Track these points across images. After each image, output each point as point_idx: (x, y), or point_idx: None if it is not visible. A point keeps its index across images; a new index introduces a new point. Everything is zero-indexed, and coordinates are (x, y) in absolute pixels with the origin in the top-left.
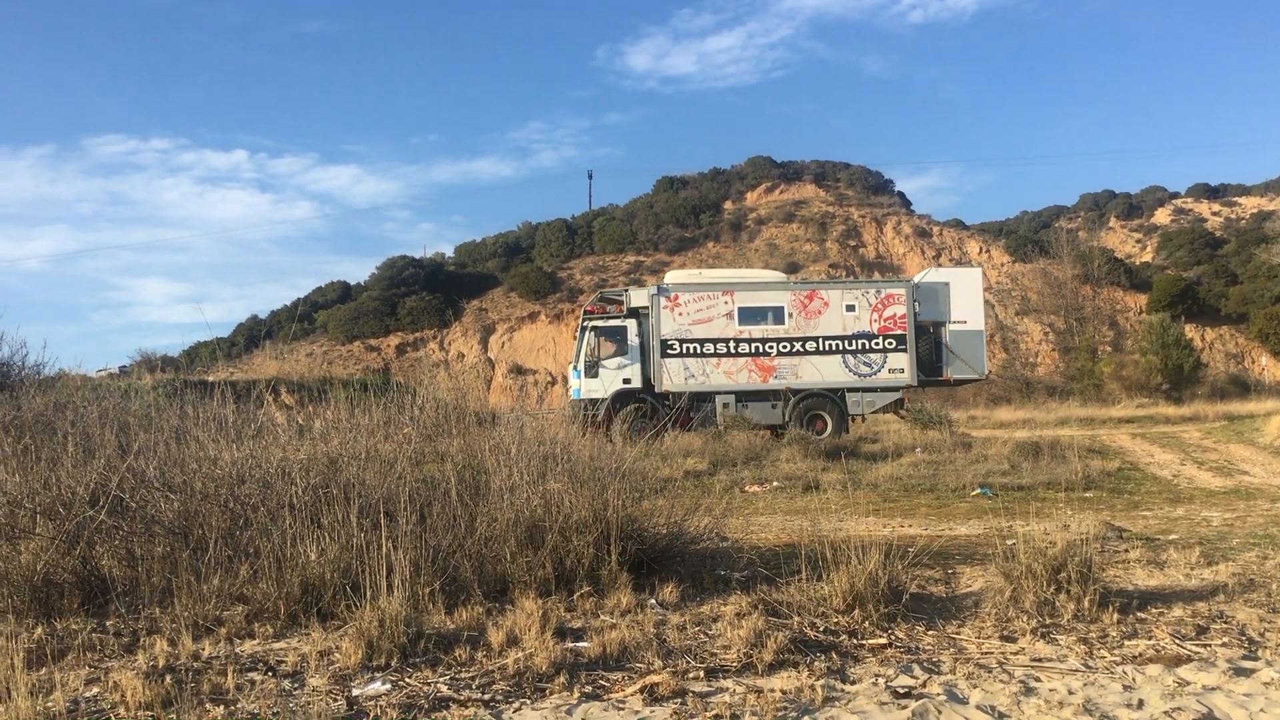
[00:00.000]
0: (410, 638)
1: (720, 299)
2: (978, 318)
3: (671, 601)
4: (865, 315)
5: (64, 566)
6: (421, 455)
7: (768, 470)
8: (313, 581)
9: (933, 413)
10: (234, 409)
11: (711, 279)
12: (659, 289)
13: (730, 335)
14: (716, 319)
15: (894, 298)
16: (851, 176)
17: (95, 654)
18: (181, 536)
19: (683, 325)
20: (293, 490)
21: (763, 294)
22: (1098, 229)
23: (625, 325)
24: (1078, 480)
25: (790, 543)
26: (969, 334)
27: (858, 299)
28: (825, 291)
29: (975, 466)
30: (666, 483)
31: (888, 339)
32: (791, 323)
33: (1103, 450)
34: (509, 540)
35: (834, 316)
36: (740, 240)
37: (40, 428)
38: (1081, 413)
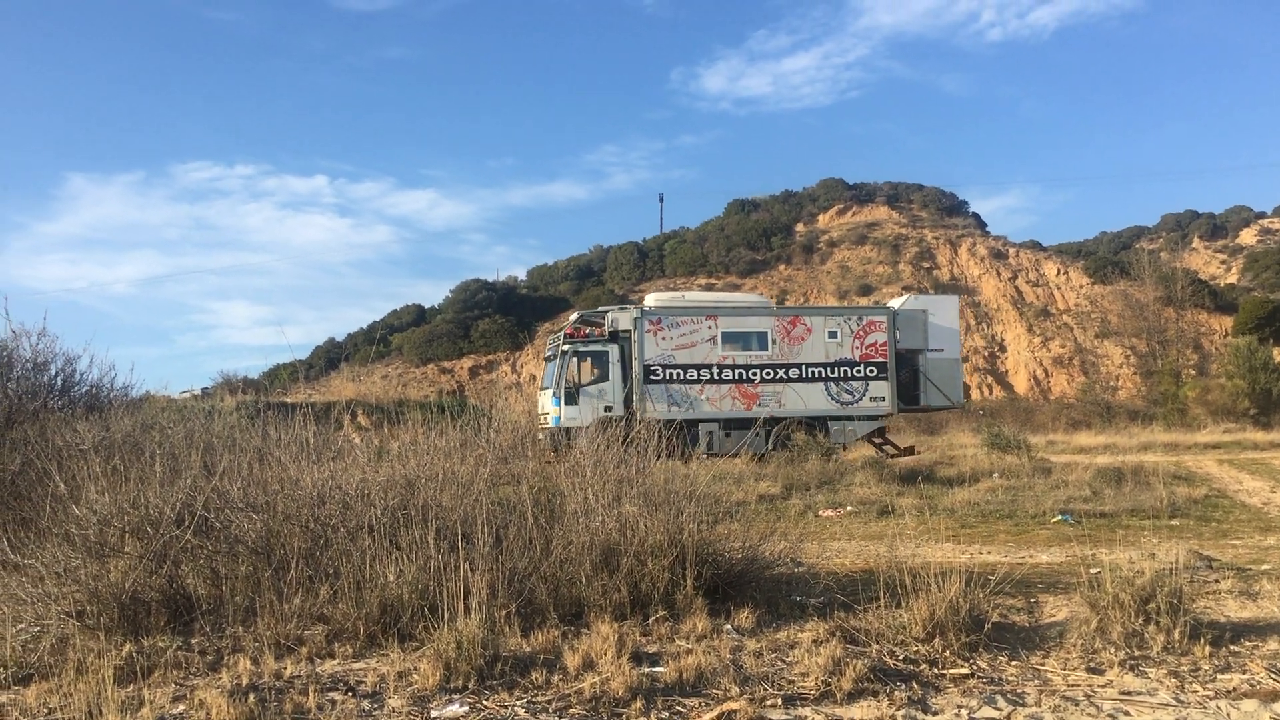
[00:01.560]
0: (487, 660)
1: (704, 324)
2: (955, 346)
3: (747, 627)
4: (848, 342)
5: (151, 585)
6: (497, 477)
7: (841, 494)
8: (391, 602)
9: (1011, 437)
10: (315, 431)
11: (695, 302)
12: (642, 312)
13: (714, 361)
14: (700, 344)
15: (875, 325)
16: (925, 198)
17: (181, 671)
18: (264, 556)
19: (666, 350)
20: (372, 512)
21: (746, 319)
22: (1180, 250)
23: (607, 350)
24: (1163, 508)
25: (867, 569)
26: (946, 362)
27: (840, 326)
28: (808, 318)
29: (1055, 492)
30: (739, 506)
31: (869, 366)
32: (775, 349)
33: (1188, 477)
34: (584, 563)
35: (817, 343)
36: (812, 263)
37: (128, 448)
38: (1165, 438)
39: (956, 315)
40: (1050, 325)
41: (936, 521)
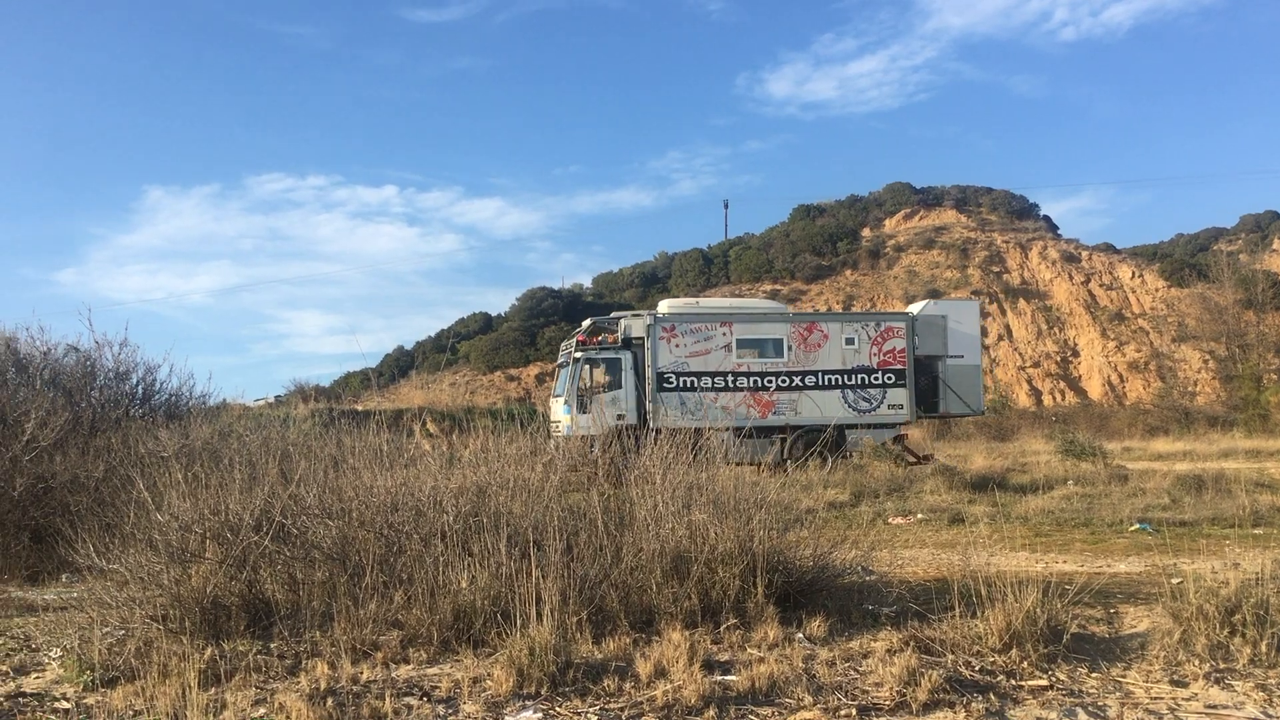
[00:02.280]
0: (559, 667)
1: (718, 330)
2: (975, 352)
3: (819, 636)
4: (865, 349)
5: (231, 589)
6: (567, 484)
7: (911, 502)
8: (464, 608)
9: (1085, 443)
10: (388, 438)
11: (709, 309)
12: (655, 318)
13: (728, 368)
14: (714, 351)
15: (893, 331)
16: (994, 201)
17: (261, 675)
18: (339, 562)
19: (680, 357)
20: (444, 518)
21: (761, 326)
22: (1260, 251)
23: (620, 357)
24: (1246, 516)
25: (940, 577)
26: (966, 369)
27: (857, 332)
28: (825, 324)
29: (1133, 500)
30: (808, 514)
31: (887, 374)
32: (791, 356)
33: (1272, 484)
34: (654, 571)
35: (833, 350)
36: (879, 268)
37: (208, 455)
38: (1247, 444)
39: (978, 321)
40: (1125, 329)
41: (1010, 529)
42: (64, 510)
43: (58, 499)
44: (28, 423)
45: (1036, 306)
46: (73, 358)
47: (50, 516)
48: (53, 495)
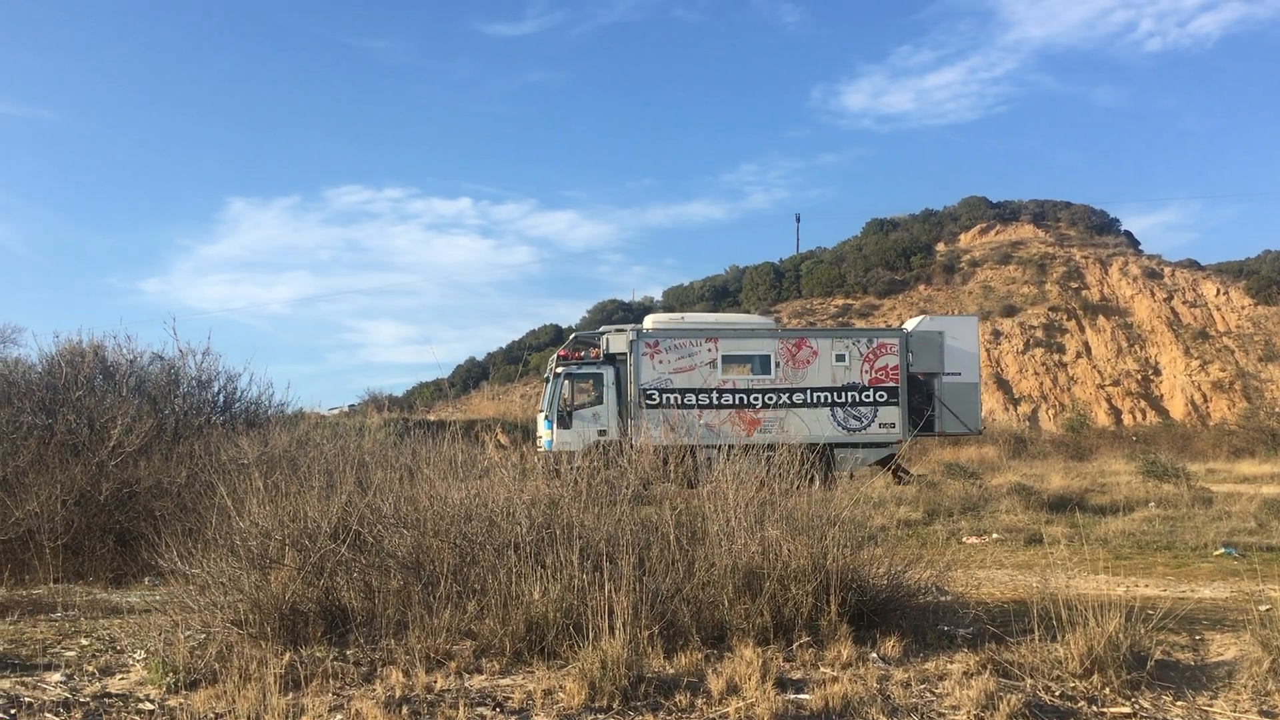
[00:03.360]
0: (631, 681)
1: (703, 346)
2: (973, 370)
3: (894, 656)
4: (856, 366)
5: (309, 596)
6: (639, 498)
7: (986, 521)
8: (536, 620)
9: (1167, 464)
10: (462, 449)
11: (694, 324)
12: (638, 334)
13: (713, 385)
14: (699, 367)
15: (886, 348)
16: (1073, 216)
17: (337, 681)
18: (414, 571)
19: (663, 374)
20: (517, 529)
21: (748, 342)
22: None
23: (601, 372)
24: None
25: (1017, 599)
26: (963, 386)
27: (848, 348)
28: (814, 340)
29: (1217, 524)
30: (881, 531)
31: (879, 391)
32: (778, 373)
33: None
34: (726, 586)
35: (823, 367)
36: (953, 283)
37: (286, 463)
38: None
39: (976, 338)
40: (1209, 348)
41: (1089, 552)
42: (148, 515)
43: (142, 504)
44: (114, 429)
45: (1116, 324)
46: (157, 366)
47: (135, 521)
48: (137, 500)
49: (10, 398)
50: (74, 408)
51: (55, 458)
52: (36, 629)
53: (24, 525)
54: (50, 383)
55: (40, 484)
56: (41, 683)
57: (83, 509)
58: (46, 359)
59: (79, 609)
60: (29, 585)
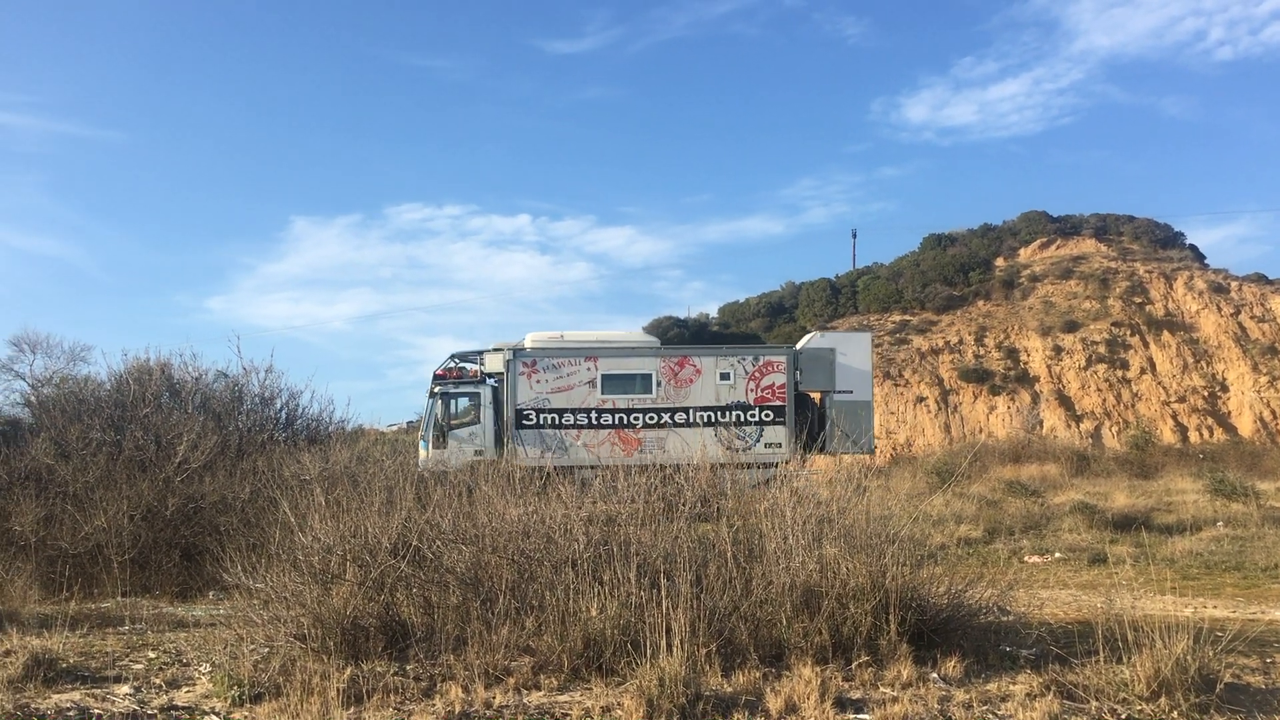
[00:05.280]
0: (689, 698)
1: (582, 365)
2: (866, 388)
3: (955, 676)
4: (741, 384)
5: (369, 611)
6: (697, 515)
7: (1048, 540)
8: (594, 637)
9: (1236, 483)
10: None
11: (574, 342)
12: (515, 353)
13: (593, 405)
14: (578, 387)
15: (773, 365)
16: (1136, 230)
17: (398, 696)
18: (473, 587)
19: (540, 394)
20: (574, 546)
21: (629, 360)
22: None
23: (479, 391)
24: None
25: (1081, 619)
26: (855, 404)
27: (733, 366)
28: (698, 358)
29: None
30: (940, 550)
31: (765, 410)
32: (660, 392)
33: None
34: (784, 604)
35: (707, 385)
36: (1013, 298)
37: (347, 479)
38: None
39: (869, 355)
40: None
41: (1156, 572)
42: (212, 530)
43: (206, 519)
44: (180, 445)
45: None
46: (222, 383)
47: (199, 536)
48: (202, 515)
49: (80, 415)
50: (141, 425)
51: (123, 474)
52: (105, 641)
53: (93, 540)
54: (119, 400)
55: (109, 499)
56: (111, 694)
57: (149, 524)
58: (115, 377)
59: (146, 622)
60: (97, 599)
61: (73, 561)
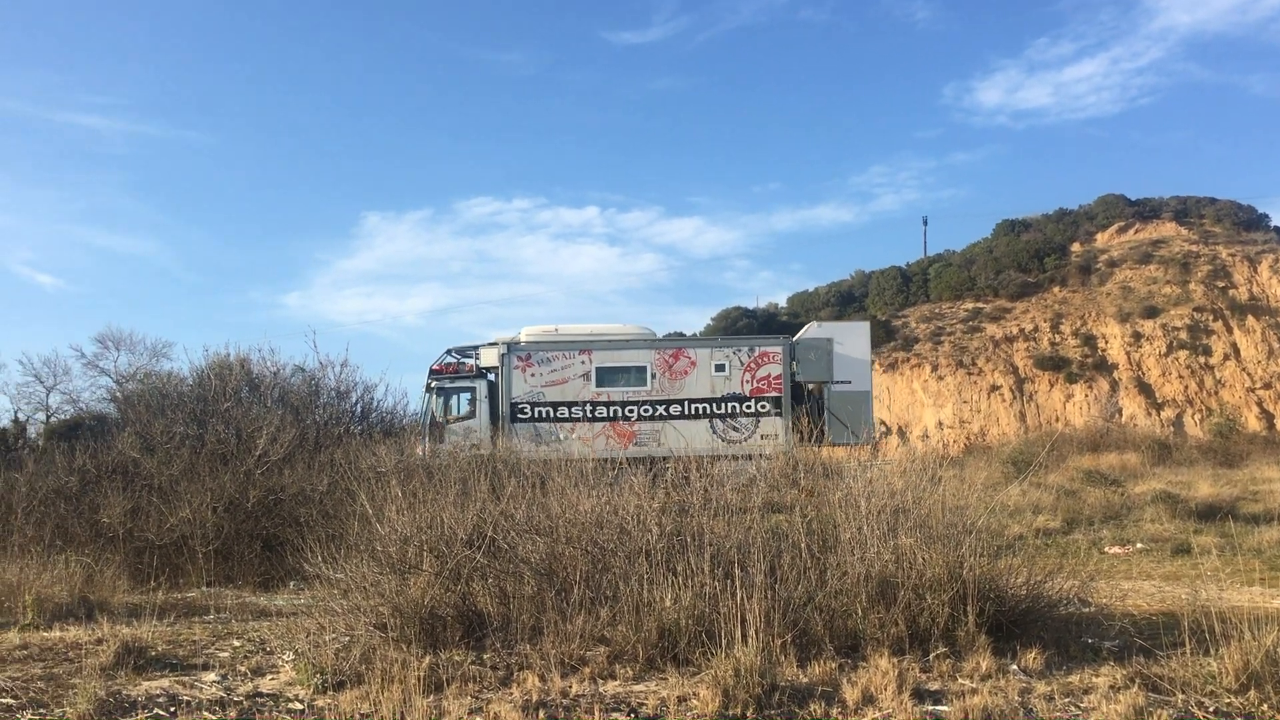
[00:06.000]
0: (765, 689)
1: (576, 358)
2: (864, 377)
3: (1035, 669)
4: (736, 376)
5: (446, 601)
6: (770, 505)
7: (1129, 530)
8: (668, 627)
9: None
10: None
11: (568, 335)
12: (510, 348)
13: (587, 398)
14: (572, 380)
15: (769, 356)
16: (1219, 212)
17: (476, 685)
18: (547, 578)
19: (535, 387)
20: (648, 536)
21: (623, 353)
22: None
23: (474, 386)
24: None
25: (1165, 611)
26: (853, 395)
27: (728, 358)
28: (693, 350)
29: None
30: (1018, 541)
31: (760, 401)
32: (655, 384)
33: None
34: (859, 595)
35: (702, 377)
36: (1090, 284)
37: (422, 471)
38: None
39: (867, 344)
40: None
41: (1242, 562)
42: (292, 521)
43: (286, 510)
44: (260, 439)
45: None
46: (299, 377)
47: (279, 527)
48: (282, 507)
49: (164, 409)
50: (223, 418)
51: (206, 467)
52: (192, 630)
53: (178, 531)
54: (200, 394)
55: (192, 492)
56: (198, 682)
57: (231, 516)
58: (197, 372)
59: (230, 611)
60: (183, 588)
61: (159, 552)
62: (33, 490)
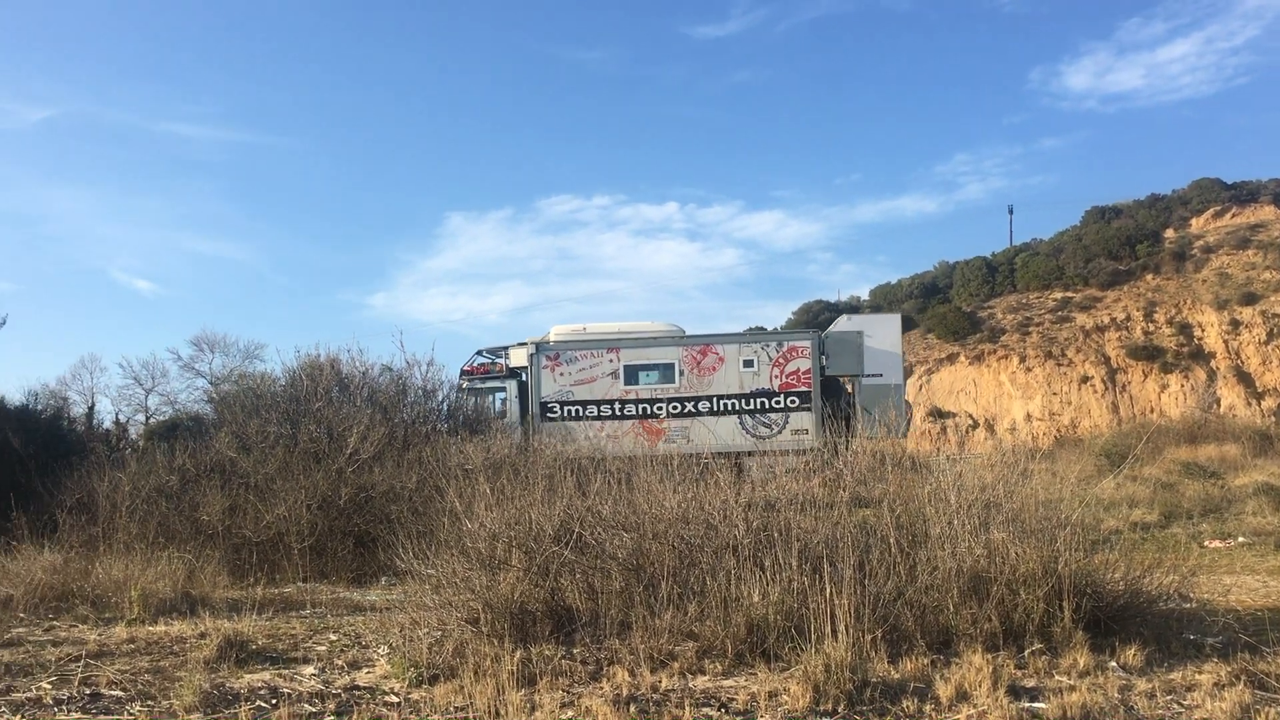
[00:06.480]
0: (856, 685)
1: (604, 357)
2: (896, 370)
3: (1135, 665)
4: (765, 371)
5: (535, 596)
6: (856, 500)
7: (1230, 524)
8: (757, 622)
9: None
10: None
11: (596, 334)
12: (538, 347)
13: (615, 396)
14: (601, 378)
15: (797, 351)
16: None
17: (566, 679)
18: (634, 573)
19: (564, 386)
20: (734, 532)
21: (651, 350)
22: None
23: (504, 387)
24: None
25: (1271, 607)
26: (885, 388)
27: (756, 353)
28: (720, 346)
29: None
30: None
31: (790, 396)
32: (683, 381)
33: None
34: (951, 590)
35: (730, 373)
36: (1185, 271)
37: (508, 468)
38: None
39: (898, 337)
40: None
41: None
42: (383, 518)
43: (377, 507)
44: (350, 437)
45: None
46: (387, 377)
47: (371, 523)
48: (372, 504)
49: (258, 410)
50: (314, 418)
51: (299, 465)
52: (290, 624)
53: (273, 528)
54: (293, 394)
55: (287, 490)
56: (297, 675)
57: (325, 513)
58: (289, 373)
59: (325, 606)
60: (280, 584)
61: (256, 549)
62: (136, 489)
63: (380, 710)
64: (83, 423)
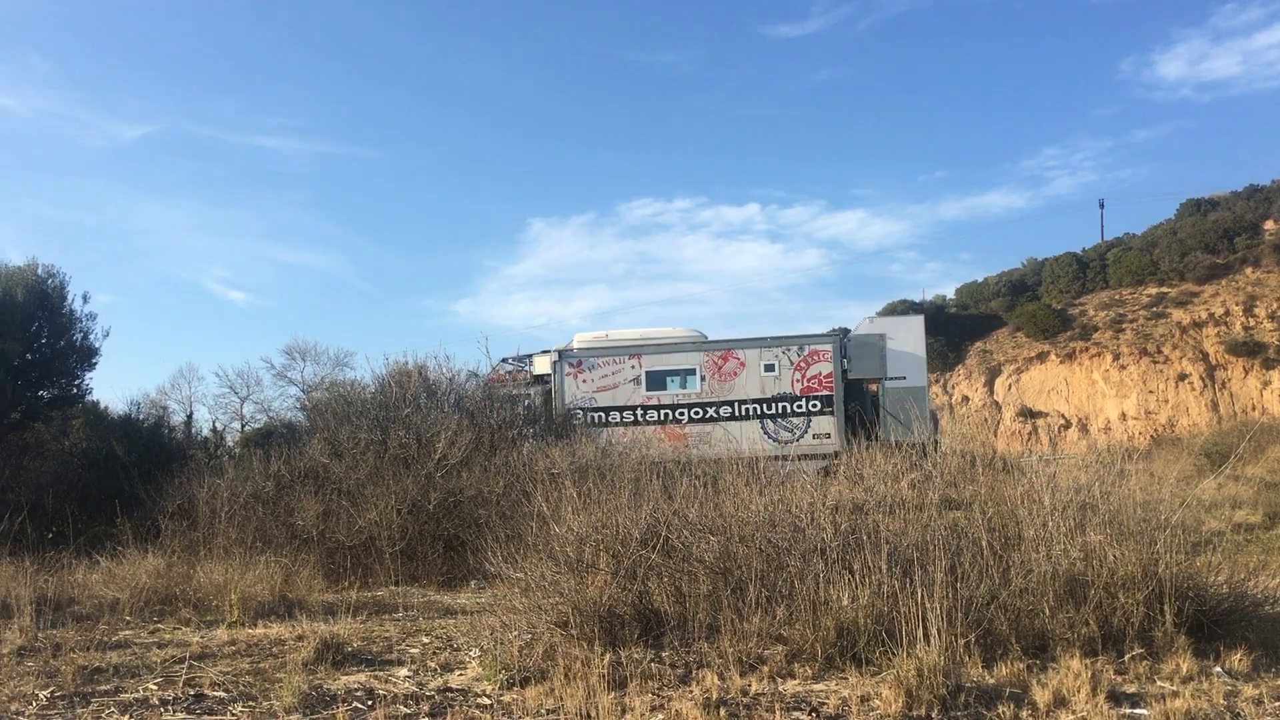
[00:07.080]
0: (949, 690)
1: (627, 363)
2: (920, 373)
3: (1241, 670)
4: (786, 375)
5: (623, 600)
6: (946, 502)
7: None
8: (846, 626)
9: None
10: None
11: (618, 341)
12: (561, 354)
13: (638, 402)
14: (623, 385)
15: (819, 354)
16: None
17: (655, 682)
18: (722, 576)
19: (587, 393)
20: (822, 535)
21: (673, 356)
22: None
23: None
24: None
25: None
26: (908, 391)
27: (778, 358)
28: (742, 351)
29: None
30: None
31: (812, 400)
32: (705, 386)
33: None
34: (1046, 594)
35: (751, 378)
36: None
37: (595, 472)
38: None
39: (922, 339)
40: None
41: None
42: (471, 522)
43: (466, 512)
44: (438, 443)
45: None
46: (473, 382)
47: (460, 527)
48: (461, 508)
49: (349, 416)
50: (403, 424)
51: (389, 471)
52: (383, 627)
53: (366, 533)
54: (382, 401)
55: (378, 495)
56: (392, 676)
57: (415, 517)
58: (378, 380)
59: (417, 609)
60: (372, 587)
61: (349, 553)
62: (234, 495)
63: (473, 712)
64: (182, 431)
